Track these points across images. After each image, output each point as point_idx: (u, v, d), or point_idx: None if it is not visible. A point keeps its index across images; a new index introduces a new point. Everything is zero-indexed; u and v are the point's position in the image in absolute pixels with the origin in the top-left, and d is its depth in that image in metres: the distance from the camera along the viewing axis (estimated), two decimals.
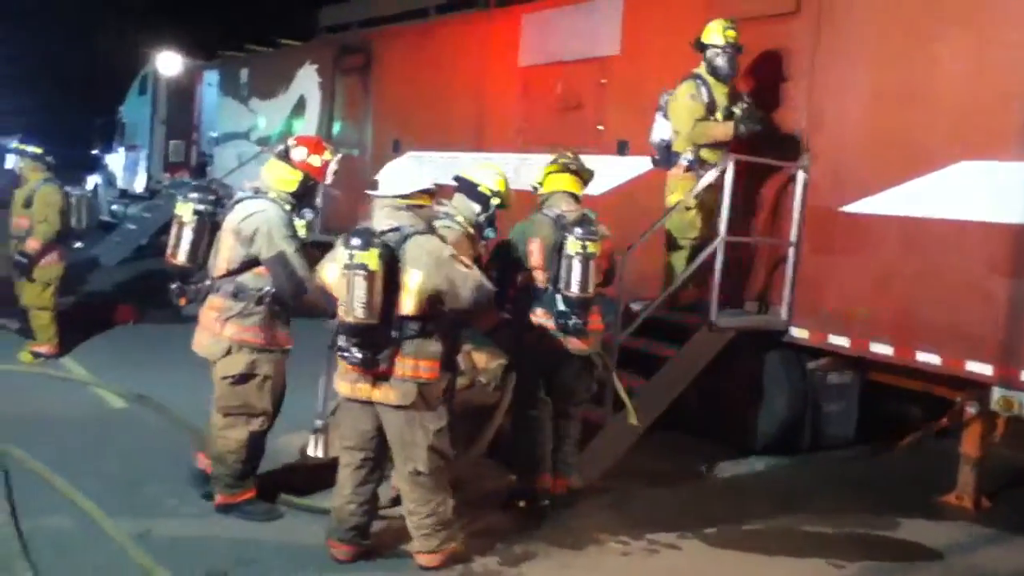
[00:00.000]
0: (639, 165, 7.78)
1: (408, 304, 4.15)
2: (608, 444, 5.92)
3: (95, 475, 5.28)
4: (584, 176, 5.59)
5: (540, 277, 5.25)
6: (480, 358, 4.34)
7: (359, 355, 4.12)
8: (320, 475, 5.05)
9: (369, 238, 4.05)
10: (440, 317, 4.24)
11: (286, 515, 5.02)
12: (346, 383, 4.29)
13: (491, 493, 5.48)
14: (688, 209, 6.59)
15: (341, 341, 4.15)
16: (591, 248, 5.05)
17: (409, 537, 4.48)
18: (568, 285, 5.09)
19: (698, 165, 6.60)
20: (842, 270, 6.40)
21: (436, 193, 4.57)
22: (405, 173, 4.45)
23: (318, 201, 5.08)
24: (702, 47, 6.62)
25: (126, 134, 18.11)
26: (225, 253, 4.78)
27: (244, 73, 15.01)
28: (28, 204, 8.00)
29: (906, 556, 5.32)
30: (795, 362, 6.81)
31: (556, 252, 5.16)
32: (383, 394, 4.21)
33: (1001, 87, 5.58)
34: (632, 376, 6.15)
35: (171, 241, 4.84)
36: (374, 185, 4.43)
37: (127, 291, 11.93)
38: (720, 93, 6.58)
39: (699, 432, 6.99)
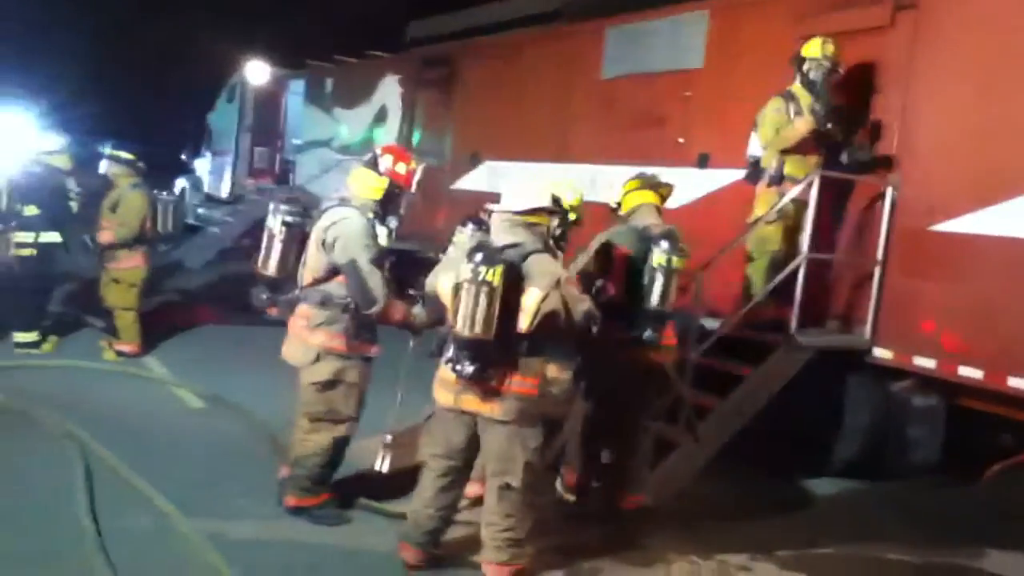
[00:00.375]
0: (720, 178, 7.67)
1: (523, 322, 4.16)
2: (681, 464, 5.82)
3: (171, 475, 5.38)
4: (663, 192, 5.58)
5: (618, 289, 5.22)
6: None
7: (471, 368, 4.12)
8: (392, 482, 5.11)
9: (495, 255, 4.07)
10: (552, 336, 4.24)
11: (356, 521, 5.05)
12: (449, 393, 4.31)
13: (557, 506, 5.44)
14: (768, 223, 6.47)
15: (451, 353, 4.19)
16: (676, 263, 5.04)
17: (476, 549, 4.47)
18: (648, 297, 5.06)
19: (779, 181, 6.48)
20: (930, 290, 6.19)
21: (556, 211, 4.59)
22: (529, 190, 4.47)
23: (402, 210, 5.10)
24: (800, 61, 6.51)
25: (213, 140, 18.60)
26: (311, 262, 4.86)
27: (329, 83, 15.28)
28: (114, 209, 8.24)
29: None
30: (878, 384, 6.60)
31: (639, 264, 5.14)
32: (489, 408, 4.22)
33: None
34: (707, 395, 6.04)
35: (261, 253, 4.94)
36: (496, 200, 4.48)
37: (210, 293, 12.21)
38: (810, 106, 6.43)
39: (776, 454, 6.82)
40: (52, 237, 8.22)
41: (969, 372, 5.91)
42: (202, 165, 19.03)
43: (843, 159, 6.53)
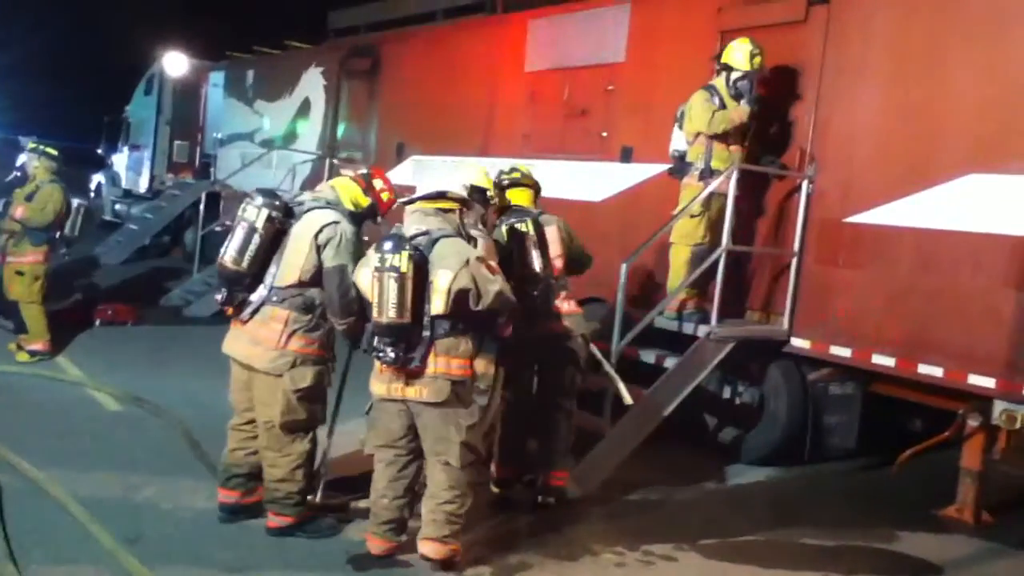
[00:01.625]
0: (643, 172, 7.75)
1: (438, 304, 4.29)
2: (606, 454, 5.89)
3: (88, 479, 5.24)
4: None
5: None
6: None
7: (392, 354, 4.27)
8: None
9: (400, 242, 4.26)
10: (469, 317, 4.34)
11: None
12: (381, 384, 4.43)
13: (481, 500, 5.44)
14: (692, 216, 6.56)
15: (375, 341, 4.32)
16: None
17: None
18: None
19: (709, 174, 6.57)
20: (845, 280, 6.36)
21: (468, 200, 4.74)
22: (441, 181, 4.67)
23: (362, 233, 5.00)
24: (725, 67, 6.59)
25: (131, 134, 18.11)
26: (297, 261, 4.64)
27: (250, 75, 15.01)
28: (29, 199, 8.07)
29: (905, 570, 5.29)
30: (796, 373, 6.76)
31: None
32: (417, 391, 4.34)
33: (1011, 99, 5.54)
34: (632, 385, 6.10)
35: (234, 245, 4.63)
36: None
37: (127, 292, 11.91)
38: (744, 115, 6.53)
39: (699, 443, 6.95)
40: None
41: (882, 360, 6.09)
42: (119, 159, 18.52)
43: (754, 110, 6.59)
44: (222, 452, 5.01)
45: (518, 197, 5.70)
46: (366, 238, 4.86)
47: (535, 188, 5.81)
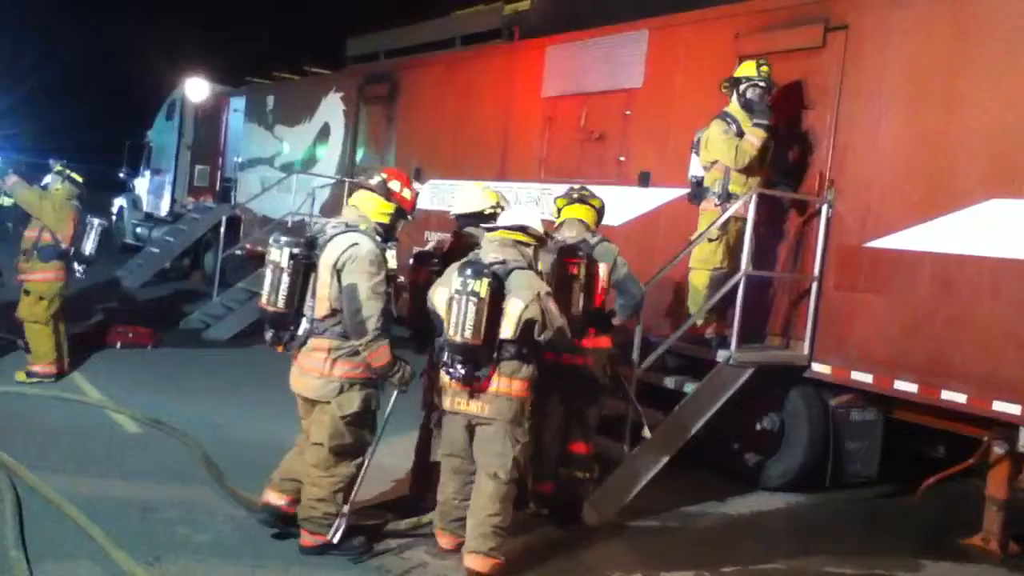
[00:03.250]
0: (661, 196, 7.75)
1: (507, 329, 4.64)
2: (625, 480, 5.85)
3: (107, 501, 5.25)
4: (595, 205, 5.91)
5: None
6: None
7: (462, 370, 4.63)
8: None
9: (480, 268, 4.60)
10: (531, 344, 4.70)
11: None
12: (447, 397, 4.80)
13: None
14: (710, 240, 6.55)
15: (445, 357, 4.68)
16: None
17: None
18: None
19: (727, 198, 6.57)
20: (866, 305, 6.32)
21: (545, 236, 5.10)
22: (519, 213, 5.06)
23: (398, 233, 5.06)
24: (735, 82, 6.61)
25: (152, 158, 18.30)
26: (325, 293, 4.70)
27: (270, 100, 15.15)
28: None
29: None
30: (816, 398, 6.71)
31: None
32: (479, 407, 4.70)
33: None
34: (651, 411, 6.08)
35: (266, 288, 4.73)
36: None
37: (147, 314, 11.98)
38: (762, 134, 6.52)
39: (719, 469, 6.89)
40: None
41: (904, 386, 6.03)
42: (141, 183, 18.70)
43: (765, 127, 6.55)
44: (283, 456, 5.07)
45: (577, 212, 5.79)
46: (392, 247, 4.98)
47: (598, 210, 5.90)
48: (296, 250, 4.70)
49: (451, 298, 4.61)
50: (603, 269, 5.57)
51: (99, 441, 6.54)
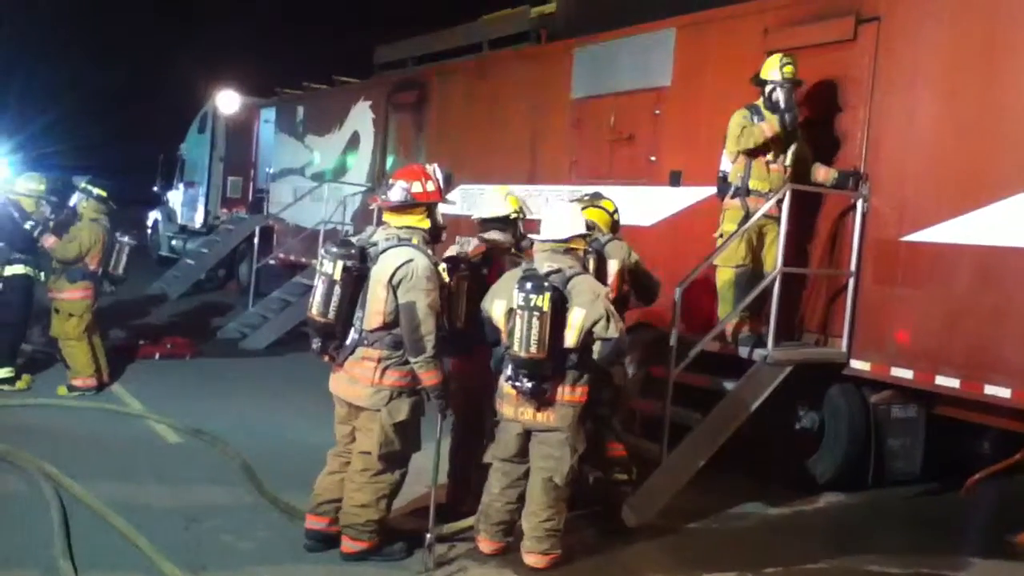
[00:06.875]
0: (692, 195, 7.71)
1: (570, 338, 4.73)
2: (664, 482, 5.80)
3: (151, 511, 5.32)
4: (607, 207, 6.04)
5: None
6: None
7: (529, 385, 4.71)
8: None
9: (541, 282, 4.68)
10: (589, 347, 4.78)
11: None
12: (510, 407, 4.90)
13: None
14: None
15: (510, 371, 4.77)
16: None
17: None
18: None
19: (745, 193, 6.53)
20: (905, 300, 6.24)
21: (590, 237, 5.24)
22: (565, 218, 5.06)
23: (440, 220, 4.99)
24: (760, 83, 6.56)
25: (186, 171, 18.53)
26: (377, 307, 4.70)
27: (300, 110, 15.26)
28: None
29: None
30: (856, 396, 6.63)
31: None
32: (545, 417, 4.81)
33: None
34: (688, 412, 6.04)
35: (317, 299, 4.72)
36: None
37: (185, 325, 12.13)
38: (775, 126, 6.46)
39: (758, 469, 6.83)
40: (16, 270, 8.19)
41: (946, 381, 5.93)
42: (175, 196, 18.93)
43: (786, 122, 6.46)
44: (315, 479, 5.04)
45: (589, 215, 5.77)
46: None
47: (610, 213, 6.01)
48: (349, 263, 4.70)
49: (512, 311, 4.71)
50: (614, 265, 5.61)
51: (141, 451, 6.63)
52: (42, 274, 8.44)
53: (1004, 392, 5.61)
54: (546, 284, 4.66)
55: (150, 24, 33.22)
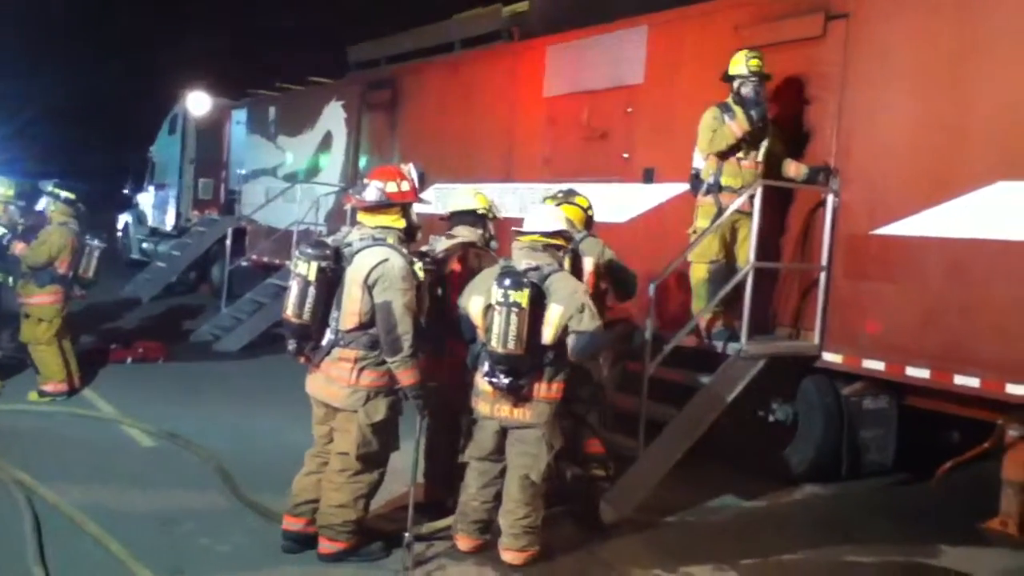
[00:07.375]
0: (666, 192, 7.75)
1: (548, 335, 4.74)
2: (641, 476, 5.83)
3: (125, 515, 5.27)
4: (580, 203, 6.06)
5: None
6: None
7: (506, 381, 4.72)
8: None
9: (520, 278, 4.69)
10: (564, 343, 4.78)
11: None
12: (486, 404, 4.90)
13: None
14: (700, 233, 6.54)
15: (487, 367, 4.79)
16: None
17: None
18: None
19: (717, 190, 6.57)
20: (875, 293, 6.31)
21: (571, 237, 5.26)
22: (551, 216, 5.10)
23: (414, 219, 5.00)
24: (729, 79, 6.61)
25: (156, 173, 18.35)
26: (353, 307, 4.70)
27: (272, 111, 15.17)
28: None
29: None
30: (829, 388, 6.70)
31: None
32: (521, 413, 4.82)
33: None
34: (663, 407, 6.08)
35: (292, 300, 4.70)
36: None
37: (157, 329, 12.02)
38: (745, 123, 6.51)
39: (734, 462, 6.88)
40: None
41: (916, 372, 6.02)
42: (145, 199, 18.76)
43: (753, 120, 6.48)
44: (293, 479, 5.01)
45: (564, 211, 5.73)
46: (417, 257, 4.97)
47: (584, 209, 6.04)
48: (324, 263, 4.69)
49: (489, 307, 4.73)
50: (589, 263, 5.65)
51: (115, 456, 6.57)
52: (11, 279, 8.36)
53: (973, 382, 5.70)
54: (525, 280, 4.68)
55: (120, 29, 32.87)
